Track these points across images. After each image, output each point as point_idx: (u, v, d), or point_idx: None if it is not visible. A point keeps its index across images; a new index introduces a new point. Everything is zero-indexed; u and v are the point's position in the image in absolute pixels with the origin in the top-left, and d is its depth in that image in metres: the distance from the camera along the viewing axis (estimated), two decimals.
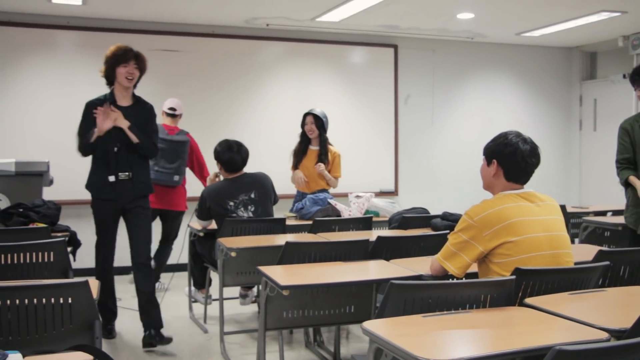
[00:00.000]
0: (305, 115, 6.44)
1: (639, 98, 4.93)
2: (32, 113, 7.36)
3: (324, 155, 6.33)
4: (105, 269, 4.95)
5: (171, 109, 6.50)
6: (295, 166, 6.45)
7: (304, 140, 6.45)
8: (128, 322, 5.33)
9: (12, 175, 5.62)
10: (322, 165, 6.23)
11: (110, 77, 4.76)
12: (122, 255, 5.15)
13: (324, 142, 6.37)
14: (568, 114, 9.97)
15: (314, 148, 6.41)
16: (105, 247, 4.94)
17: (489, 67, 9.48)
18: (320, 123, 6.36)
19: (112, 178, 4.71)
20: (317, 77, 8.53)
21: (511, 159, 3.09)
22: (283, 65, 8.38)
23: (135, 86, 4.87)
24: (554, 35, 8.79)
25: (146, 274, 4.86)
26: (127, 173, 4.72)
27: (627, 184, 4.80)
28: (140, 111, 4.84)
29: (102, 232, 4.93)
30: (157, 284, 6.26)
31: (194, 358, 4.71)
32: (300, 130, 6.48)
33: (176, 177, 6.36)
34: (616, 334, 2.22)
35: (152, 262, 5.36)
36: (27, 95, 7.37)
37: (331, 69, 8.59)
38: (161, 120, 6.18)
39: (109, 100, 4.73)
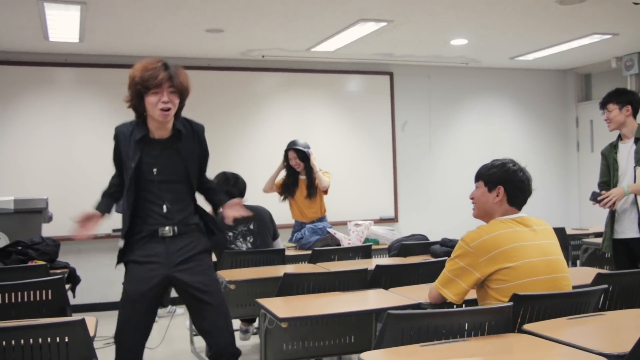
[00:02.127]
0: (287, 151, 6.45)
1: (605, 120, 4.99)
2: (29, 150, 7.39)
3: (310, 184, 6.35)
4: None
5: None
6: (285, 198, 6.50)
7: (292, 173, 6.47)
8: None
9: (10, 213, 5.64)
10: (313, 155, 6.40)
11: (139, 109, 3.49)
12: None
13: (309, 172, 6.37)
14: (565, 135, 10.00)
15: (302, 177, 6.43)
16: None
17: (485, 91, 9.53)
18: (302, 155, 6.35)
19: None
20: (314, 106, 8.57)
21: (519, 186, 3.15)
22: (279, 95, 8.43)
23: (177, 115, 3.56)
24: (548, 59, 8.85)
25: None
26: None
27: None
28: (187, 141, 3.64)
29: None
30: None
31: None
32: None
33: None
34: (615, 359, 2.21)
35: None
36: (25, 132, 7.40)
37: (328, 97, 8.64)
38: None
39: (134, 136, 3.50)
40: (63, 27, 6.32)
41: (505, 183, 3.14)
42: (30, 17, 5.99)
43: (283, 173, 6.57)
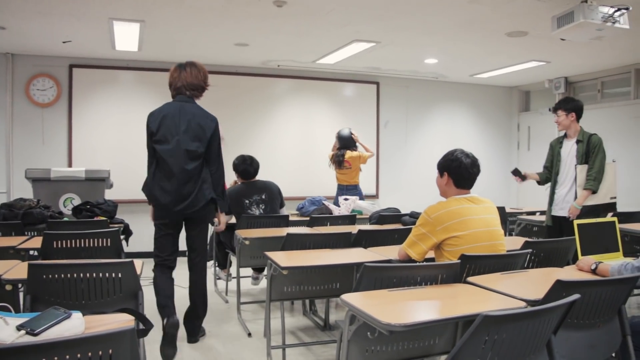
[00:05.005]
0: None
1: (555, 122, 5.05)
2: (98, 133, 7.44)
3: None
4: None
5: None
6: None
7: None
8: None
9: (82, 180, 5.69)
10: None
11: None
12: None
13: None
14: (509, 137, 9.98)
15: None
16: None
17: (450, 100, 9.50)
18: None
19: None
20: (317, 106, 8.55)
21: (457, 171, 3.10)
22: (291, 97, 8.41)
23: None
24: (498, 77, 8.82)
25: None
26: None
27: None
28: None
29: None
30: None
31: (218, 322, 4.72)
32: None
33: None
34: (532, 303, 2.24)
35: None
36: (96, 119, 7.45)
37: (328, 100, 8.62)
38: None
39: None
40: (126, 39, 6.31)
41: (449, 170, 3.12)
42: (102, 32, 6.00)
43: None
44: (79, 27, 5.86)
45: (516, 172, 5.21)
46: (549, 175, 5.09)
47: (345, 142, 7.07)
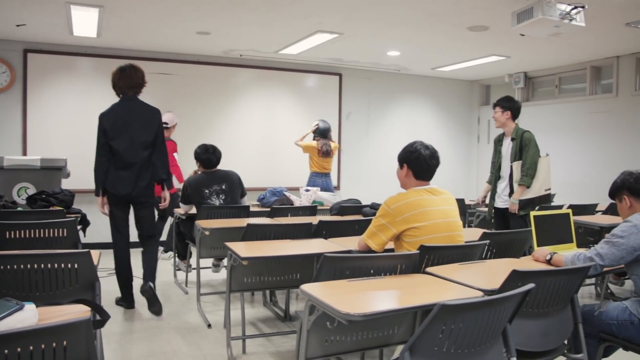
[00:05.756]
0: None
1: (492, 117, 5.25)
2: (55, 121, 7.26)
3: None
4: None
5: (163, 122, 6.48)
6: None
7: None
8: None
9: (37, 169, 5.56)
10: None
11: None
12: None
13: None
14: (469, 130, 10.14)
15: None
16: None
17: (411, 93, 9.58)
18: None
19: None
20: (279, 97, 8.51)
21: (416, 163, 3.11)
22: (253, 87, 8.34)
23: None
24: (460, 71, 8.94)
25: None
26: None
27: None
28: None
29: None
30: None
31: (177, 313, 4.68)
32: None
33: None
34: (489, 292, 2.27)
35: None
36: (52, 107, 7.26)
37: (290, 91, 8.59)
38: None
39: None
40: (84, 24, 6.16)
41: (408, 161, 3.13)
42: (59, 16, 5.84)
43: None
44: (34, 11, 5.69)
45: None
46: (498, 171, 5.28)
47: (327, 133, 7.21)
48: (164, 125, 6.41)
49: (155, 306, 4.56)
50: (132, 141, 4.45)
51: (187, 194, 5.16)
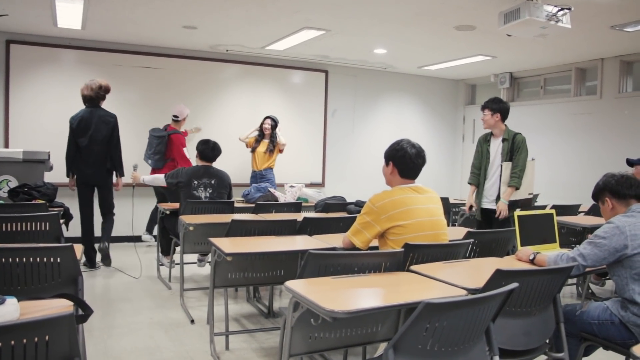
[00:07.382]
0: (266, 118, 7.57)
1: (482, 120, 5.19)
2: (38, 113, 7.17)
3: (272, 145, 7.55)
4: None
5: (174, 115, 7.01)
6: (253, 150, 7.62)
7: (261, 134, 7.59)
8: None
9: (20, 162, 5.51)
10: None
11: None
12: None
13: (274, 137, 7.57)
14: (454, 129, 10.19)
15: (266, 140, 7.55)
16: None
17: (397, 91, 9.60)
18: (274, 124, 7.56)
19: None
20: (265, 93, 8.48)
21: (402, 161, 3.11)
22: (239, 82, 8.31)
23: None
24: (446, 70, 8.97)
25: None
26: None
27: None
28: None
29: None
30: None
31: (160, 309, 4.65)
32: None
33: (149, 161, 6.82)
34: (473, 291, 2.29)
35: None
36: (35, 99, 7.16)
37: (276, 87, 8.56)
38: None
39: None
40: (69, 16, 6.09)
41: (394, 159, 3.13)
42: (43, 7, 5.77)
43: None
44: (17, 1, 5.61)
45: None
46: (479, 176, 5.26)
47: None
48: (174, 119, 6.74)
49: (107, 260, 6.00)
50: (91, 139, 5.79)
51: (178, 174, 5.28)
